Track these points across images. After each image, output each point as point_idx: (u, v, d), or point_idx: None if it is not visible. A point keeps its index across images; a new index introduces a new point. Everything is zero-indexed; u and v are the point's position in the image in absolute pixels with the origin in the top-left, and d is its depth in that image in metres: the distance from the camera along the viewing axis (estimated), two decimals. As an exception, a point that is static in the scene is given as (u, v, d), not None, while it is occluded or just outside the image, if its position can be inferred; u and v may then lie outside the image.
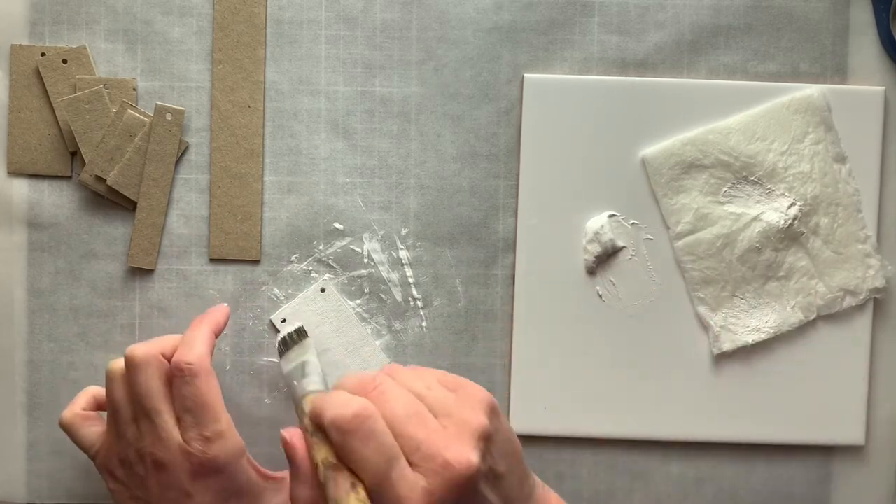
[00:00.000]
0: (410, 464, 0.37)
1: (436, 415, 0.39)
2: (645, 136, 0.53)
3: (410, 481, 0.36)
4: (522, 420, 0.54)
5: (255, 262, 0.54)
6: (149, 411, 0.45)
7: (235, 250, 0.54)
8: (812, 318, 0.54)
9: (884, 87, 0.54)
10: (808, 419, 0.54)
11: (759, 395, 0.54)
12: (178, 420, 0.45)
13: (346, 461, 0.38)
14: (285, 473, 0.49)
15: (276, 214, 0.54)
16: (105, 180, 0.53)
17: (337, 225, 0.54)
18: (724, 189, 0.53)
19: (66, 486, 0.54)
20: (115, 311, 0.54)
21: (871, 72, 0.54)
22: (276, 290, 0.54)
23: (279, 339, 0.48)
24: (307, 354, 0.47)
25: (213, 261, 0.54)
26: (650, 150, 0.53)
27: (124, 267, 0.54)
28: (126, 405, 0.46)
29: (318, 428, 0.39)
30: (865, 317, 0.54)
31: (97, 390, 0.51)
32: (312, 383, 0.45)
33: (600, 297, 0.54)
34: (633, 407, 0.54)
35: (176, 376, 0.45)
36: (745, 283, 0.54)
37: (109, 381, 0.47)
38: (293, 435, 0.40)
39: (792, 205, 0.53)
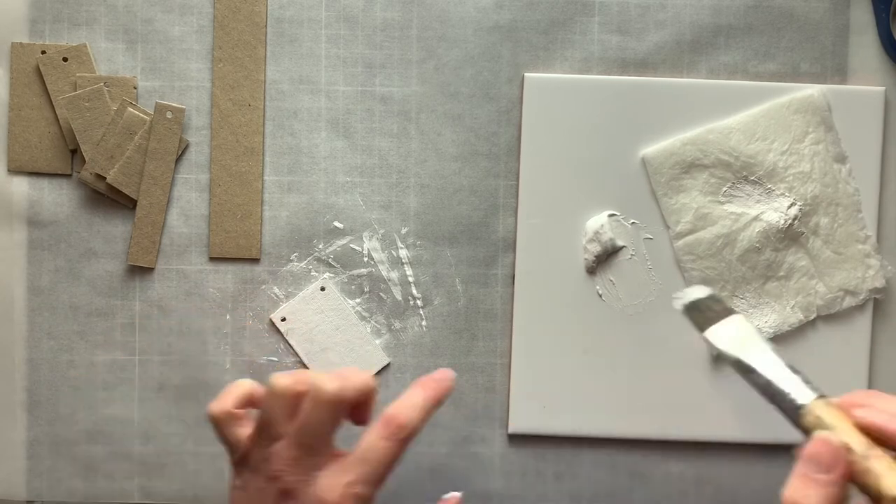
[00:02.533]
0: None
1: None
2: (645, 136, 0.53)
3: None
4: (522, 420, 0.54)
5: (255, 260, 0.54)
6: (309, 447, 0.41)
7: (235, 249, 0.54)
8: (812, 318, 0.54)
9: (884, 87, 0.54)
10: (808, 419, 0.54)
11: (758, 395, 0.54)
12: (336, 462, 0.42)
13: None
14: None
15: (276, 213, 0.54)
16: (105, 178, 0.53)
17: (337, 224, 0.54)
18: (725, 189, 0.53)
19: (65, 484, 0.54)
20: (114, 310, 0.54)
21: (871, 72, 0.54)
22: (276, 289, 0.54)
23: (687, 304, 0.43)
24: (756, 341, 0.41)
25: (213, 259, 0.54)
26: (650, 149, 0.53)
27: (124, 265, 0.54)
28: (282, 423, 0.41)
29: (872, 445, 0.36)
30: (865, 317, 0.54)
31: (253, 387, 0.45)
32: (804, 383, 0.39)
33: (600, 296, 0.54)
34: (633, 407, 0.54)
35: (382, 426, 0.41)
36: (745, 283, 0.54)
37: (272, 395, 0.42)
38: (841, 447, 0.37)
39: (792, 205, 0.53)
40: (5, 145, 0.54)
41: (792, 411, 0.39)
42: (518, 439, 0.55)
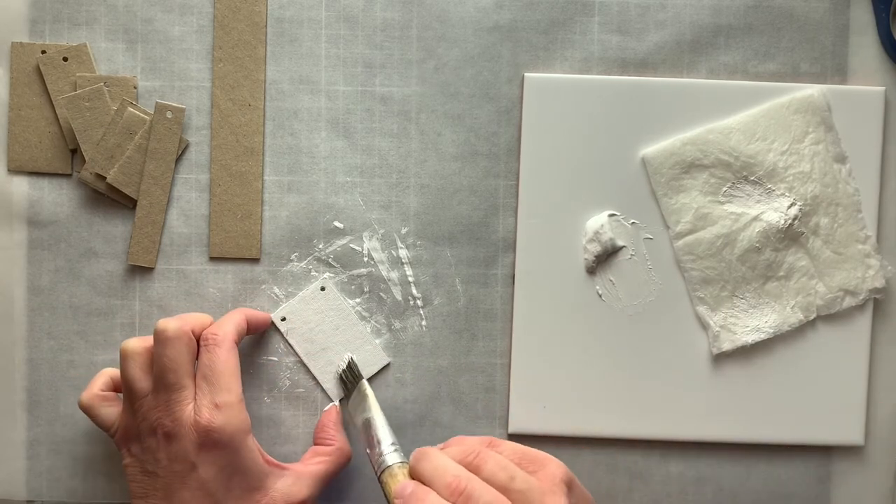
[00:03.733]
0: None
1: None
2: (645, 136, 0.53)
3: None
4: (522, 420, 0.54)
5: (255, 260, 0.54)
6: (170, 385, 0.46)
7: (235, 249, 0.54)
8: (812, 318, 0.54)
9: (884, 87, 0.54)
10: (808, 419, 0.54)
11: (758, 395, 0.54)
12: (196, 393, 0.47)
13: None
14: (290, 465, 0.49)
15: (276, 213, 0.54)
16: (105, 178, 0.53)
17: (337, 224, 0.54)
18: (725, 189, 0.53)
19: (65, 484, 0.54)
20: (114, 310, 0.54)
21: (871, 72, 0.54)
22: (276, 289, 0.54)
23: (338, 374, 0.53)
24: (369, 409, 0.50)
25: (212, 259, 0.54)
26: (650, 149, 0.53)
27: (124, 265, 0.54)
28: (143, 380, 0.47)
29: None
30: (865, 317, 0.54)
31: (113, 372, 0.51)
32: (388, 452, 0.48)
33: (600, 296, 0.54)
34: (633, 407, 0.54)
35: (202, 345, 0.48)
36: (745, 283, 0.54)
37: (125, 358, 0.48)
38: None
39: (792, 205, 0.53)
40: (5, 145, 0.54)
41: (377, 473, 0.47)
42: (518, 439, 0.55)
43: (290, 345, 0.54)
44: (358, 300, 0.54)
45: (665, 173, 0.53)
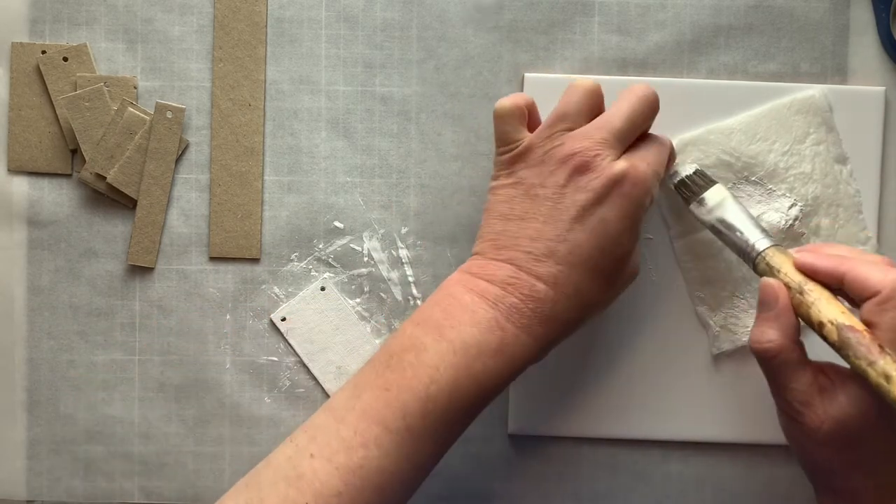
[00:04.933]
0: None
1: None
2: (645, 136, 0.53)
3: None
4: (522, 420, 0.54)
5: (255, 260, 0.54)
6: (615, 133, 0.45)
7: (235, 249, 0.54)
8: (812, 318, 0.54)
9: (884, 87, 0.54)
10: (808, 419, 0.54)
11: (758, 395, 0.54)
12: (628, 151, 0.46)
13: (878, 329, 0.40)
14: None
15: (276, 213, 0.54)
16: (105, 178, 0.53)
17: (337, 224, 0.54)
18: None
19: (65, 484, 0.54)
20: (114, 310, 0.54)
21: (871, 72, 0.54)
22: (276, 289, 0.54)
23: (678, 181, 0.50)
24: (727, 202, 0.48)
25: (213, 259, 0.54)
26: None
27: (124, 265, 0.54)
28: (578, 115, 0.46)
29: (805, 282, 0.43)
30: (866, 317, 0.54)
31: (532, 101, 0.48)
32: (761, 236, 0.46)
33: (600, 296, 0.54)
34: (633, 407, 0.54)
35: (628, 94, 0.47)
36: (745, 283, 0.53)
37: (574, 88, 0.47)
38: (779, 284, 0.43)
39: (793, 205, 0.53)
40: (5, 145, 0.54)
41: (751, 260, 0.46)
42: (518, 439, 0.55)
43: (290, 345, 0.54)
44: (358, 300, 0.54)
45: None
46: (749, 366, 0.54)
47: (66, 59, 0.53)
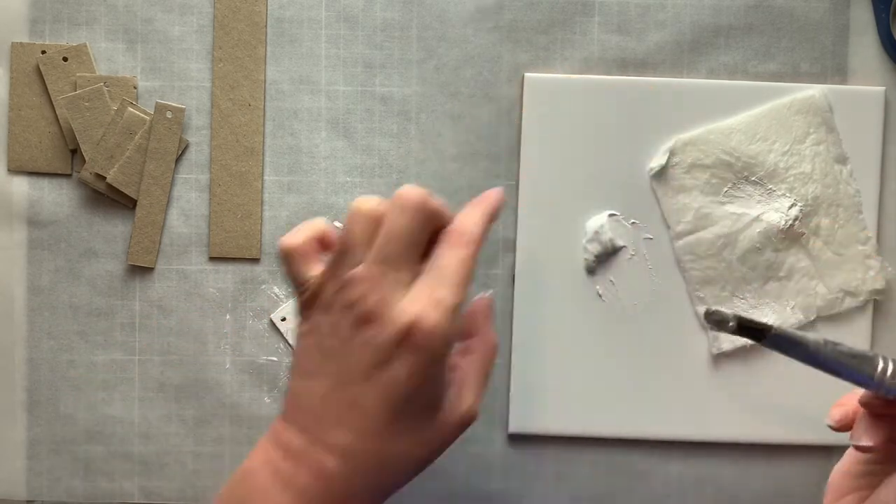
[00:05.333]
0: None
1: None
2: (645, 136, 0.53)
3: None
4: (522, 420, 0.54)
5: (255, 260, 0.54)
6: (394, 258, 0.40)
7: (235, 249, 0.54)
8: (812, 318, 0.54)
9: (884, 87, 0.54)
10: (808, 419, 0.54)
11: (758, 395, 0.54)
12: (417, 282, 0.40)
13: None
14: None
15: (276, 213, 0.54)
16: (105, 178, 0.53)
17: (337, 224, 0.54)
18: (725, 189, 0.53)
19: (65, 484, 0.54)
20: (114, 310, 0.54)
21: (871, 72, 0.54)
22: (276, 289, 0.54)
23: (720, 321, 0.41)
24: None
25: (212, 259, 0.54)
26: (654, 161, 0.53)
27: (124, 265, 0.54)
28: (363, 245, 0.40)
29: None
30: (865, 318, 0.54)
31: (324, 227, 0.43)
32: None
33: (600, 296, 0.54)
34: (633, 407, 0.54)
35: (444, 238, 0.41)
36: (745, 284, 0.53)
37: (354, 214, 0.40)
38: None
39: (793, 205, 0.53)
40: (5, 145, 0.54)
41: None
42: (518, 439, 0.55)
43: (290, 345, 0.54)
44: (358, 300, 0.54)
45: (666, 173, 0.53)
46: (749, 366, 0.54)
47: (65, 59, 0.53)
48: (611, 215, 0.53)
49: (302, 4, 0.54)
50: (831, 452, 0.55)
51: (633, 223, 0.54)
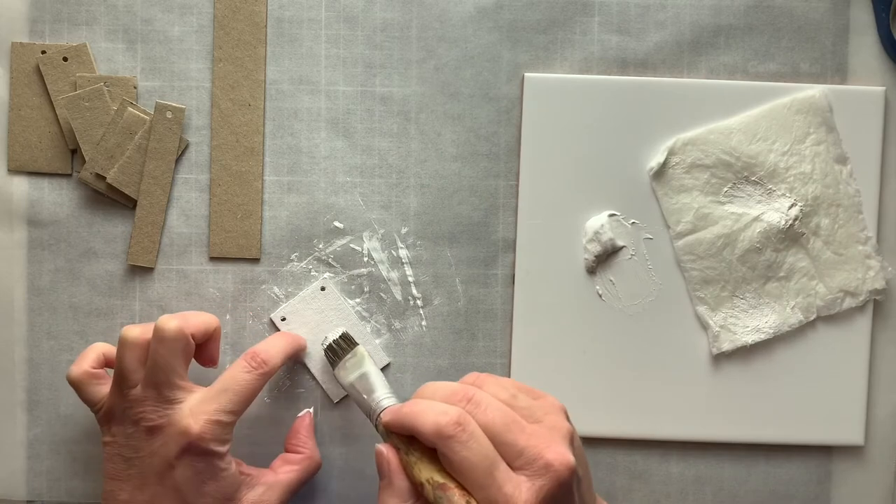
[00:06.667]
0: (512, 468, 0.39)
1: (527, 421, 0.41)
2: (645, 136, 0.53)
3: (515, 481, 0.39)
4: (522, 419, 0.54)
5: (255, 260, 0.54)
6: (160, 383, 0.46)
7: (235, 249, 0.54)
8: (812, 318, 0.54)
9: (884, 87, 0.54)
10: (808, 419, 0.54)
11: (758, 395, 0.54)
12: (195, 395, 0.47)
13: (449, 468, 0.40)
14: (261, 472, 0.50)
15: (276, 213, 0.54)
16: (105, 178, 0.53)
17: (337, 224, 0.54)
18: (725, 189, 0.53)
19: (65, 483, 0.54)
20: (114, 310, 0.54)
21: (871, 72, 0.54)
22: (276, 289, 0.54)
23: (326, 346, 0.50)
24: (365, 365, 0.49)
25: (213, 259, 0.54)
26: (653, 161, 0.53)
27: (124, 265, 0.54)
28: (137, 371, 0.47)
29: (411, 441, 0.41)
30: (865, 318, 0.54)
31: (106, 348, 0.50)
32: (385, 397, 0.47)
33: (600, 296, 0.54)
34: (633, 407, 0.54)
35: (249, 353, 0.48)
36: (745, 284, 0.53)
37: (123, 346, 0.47)
38: (388, 449, 0.42)
39: (793, 205, 0.53)
40: (5, 145, 0.54)
41: (372, 422, 0.46)
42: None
43: (290, 345, 0.54)
44: (358, 300, 0.54)
45: (666, 173, 0.53)
46: (749, 366, 0.54)
47: (65, 59, 0.53)
48: (611, 215, 0.54)
49: (302, 4, 0.54)
50: (831, 452, 0.55)
51: (633, 223, 0.54)
